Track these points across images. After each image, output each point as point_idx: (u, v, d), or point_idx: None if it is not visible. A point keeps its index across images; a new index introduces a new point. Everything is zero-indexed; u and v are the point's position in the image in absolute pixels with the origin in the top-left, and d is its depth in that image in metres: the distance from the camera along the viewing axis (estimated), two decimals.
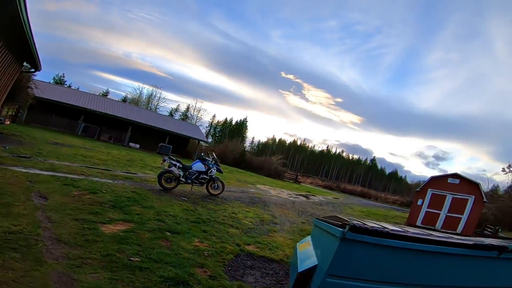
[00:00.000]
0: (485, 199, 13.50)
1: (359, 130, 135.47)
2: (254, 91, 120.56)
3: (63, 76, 48.24)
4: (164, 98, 56.94)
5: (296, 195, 17.71)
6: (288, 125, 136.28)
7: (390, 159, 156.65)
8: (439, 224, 13.73)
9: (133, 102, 49.76)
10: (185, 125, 33.12)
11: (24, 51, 6.68)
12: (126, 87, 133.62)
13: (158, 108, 53.65)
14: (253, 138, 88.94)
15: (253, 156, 40.83)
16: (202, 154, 9.66)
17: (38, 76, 17.30)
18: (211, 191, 9.33)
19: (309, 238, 3.43)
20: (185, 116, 64.19)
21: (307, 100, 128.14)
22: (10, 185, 4.59)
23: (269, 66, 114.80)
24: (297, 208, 11.45)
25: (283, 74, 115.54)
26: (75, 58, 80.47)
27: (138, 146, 24.60)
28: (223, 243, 4.91)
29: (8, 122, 16.09)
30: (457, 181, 14.11)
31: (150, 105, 53.07)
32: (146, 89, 61.07)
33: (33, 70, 9.48)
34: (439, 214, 13.91)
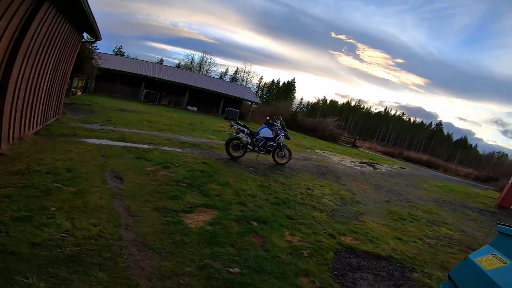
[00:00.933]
0: None
1: (423, 92, 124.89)
2: (301, 53, 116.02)
3: (121, 48, 50.32)
4: (214, 63, 56.81)
5: (361, 163, 16.12)
6: (340, 85, 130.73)
7: (459, 124, 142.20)
8: None
9: (186, 68, 50.44)
10: (237, 87, 32.26)
11: (81, 21, 6.12)
12: (177, 54, 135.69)
13: (209, 73, 53.88)
14: (301, 99, 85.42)
15: (305, 117, 38.88)
16: (268, 118, 8.68)
17: (100, 49, 17.68)
18: (277, 160, 8.49)
19: (492, 250, 2.21)
20: (234, 79, 63.55)
21: (361, 60, 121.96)
22: (84, 164, 4.23)
23: (316, 27, 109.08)
24: (370, 182, 10.12)
25: (333, 35, 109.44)
26: (126, 31, 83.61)
27: (195, 109, 24.81)
28: (315, 234, 4.06)
29: (80, 93, 17.00)
30: None
31: (201, 70, 53.41)
32: (197, 55, 61.45)
33: (93, 39, 9.05)
34: None
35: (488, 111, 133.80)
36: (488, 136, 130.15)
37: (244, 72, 61.65)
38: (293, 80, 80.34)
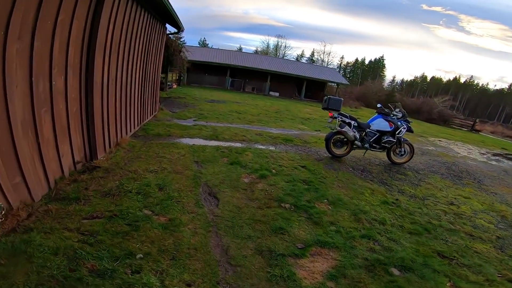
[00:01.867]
0: None
1: None
2: (386, 28, 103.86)
3: (205, 40, 53.30)
4: (289, 46, 54.83)
5: (493, 155, 12.31)
6: (442, 60, 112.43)
7: None
8: None
9: (263, 53, 49.93)
10: (320, 68, 29.69)
11: (159, 10, 5.57)
12: (253, 41, 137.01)
13: (286, 56, 52.11)
14: (393, 77, 75.32)
15: (404, 97, 33.31)
16: (379, 105, 6.92)
17: (187, 42, 18.45)
18: (394, 158, 6.75)
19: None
20: (312, 60, 59.92)
21: (468, 33, 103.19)
22: (177, 176, 3.67)
23: (403, 0, 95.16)
24: None
25: (424, 7, 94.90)
26: (206, 23, 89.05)
27: (277, 94, 23.99)
28: (491, 284, 2.55)
29: (175, 86, 18.19)
30: None
31: (278, 54, 52.05)
32: (272, 40, 60.48)
33: (177, 31, 8.79)
34: None
35: None
36: None
37: (324, 53, 57.11)
38: (382, 57, 72.55)
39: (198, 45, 44.45)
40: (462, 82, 73.64)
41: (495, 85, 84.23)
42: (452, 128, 24.97)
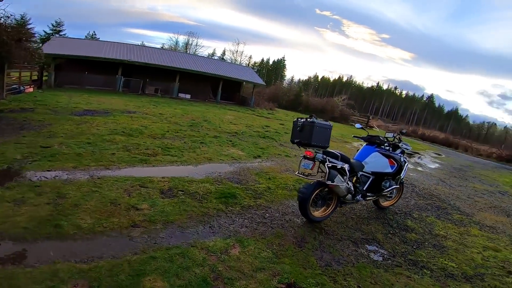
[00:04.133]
0: None
1: (410, 66, 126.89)
2: (288, 30, 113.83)
3: (95, 34, 42.38)
4: (200, 45, 50.68)
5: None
6: (328, 62, 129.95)
7: (446, 96, 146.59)
8: None
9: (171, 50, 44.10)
10: (237, 67, 26.85)
11: None
12: (159, 39, 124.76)
13: (196, 55, 47.63)
14: (292, 77, 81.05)
15: (311, 97, 34.31)
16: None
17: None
18: (382, 203, 4.54)
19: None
20: (223, 59, 57.69)
21: (347, 36, 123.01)
22: None
23: (301, 4, 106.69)
24: (485, 201, 6.08)
25: (317, 11, 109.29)
26: (102, 19, 74.71)
27: (188, 96, 19.88)
28: None
29: (31, 89, 11.88)
30: None
31: (188, 52, 47.08)
32: (182, 38, 54.67)
33: None
34: None
35: (474, 83, 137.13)
36: (475, 106, 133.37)
37: (237, 52, 55.20)
38: (283, 58, 76.26)
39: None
40: (344, 80, 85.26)
41: (365, 83, 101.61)
42: (351, 126, 26.60)
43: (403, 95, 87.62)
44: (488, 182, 9.84)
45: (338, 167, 3.38)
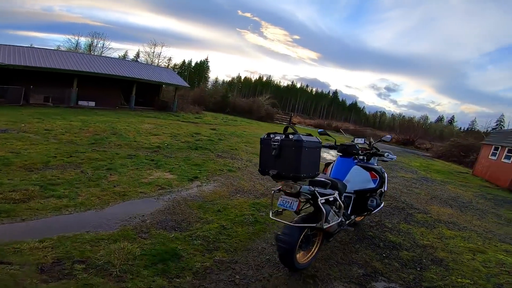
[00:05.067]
0: None
1: (316, 65, 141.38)
2: (210, 31, 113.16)
3: None
4: (107, 47, 43.92)
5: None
6: (248, 62, 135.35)
7: (346, 91, 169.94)
8: None
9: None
10: (154, 68, 23.31)
11: None
12: (54, 41, 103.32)
13: (102, 56, 40.78)
14: (216, 78, 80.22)
15: (237, 98, 33.60)
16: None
17: None
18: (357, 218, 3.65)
19: None
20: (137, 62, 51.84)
21: (265, 37, 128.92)
22: None
23: (224, 5, 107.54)
24: (427, 195, 6.25)
25: (239, 13, 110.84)
26: None
27: (93, 104, 16.22)
28: None
29: None
30: None
31: (92, 54, 39.96)
32: (84, 39, 46.28)
33: None
34: None
35: (366, 78, 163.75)
36: (368, 98, 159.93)
37: (153, 53, 49.93)
38: (206, 59, 74.80)
39: None
40: (264, 80, 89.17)
41: (282, 82, 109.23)
42: (276, 124, 27.15)
43: (314, 92, 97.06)
44: (408, 169, 10.68)
45: (330, 199, 2.30)
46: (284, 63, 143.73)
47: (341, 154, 3.22)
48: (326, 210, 2.23)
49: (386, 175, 3.36)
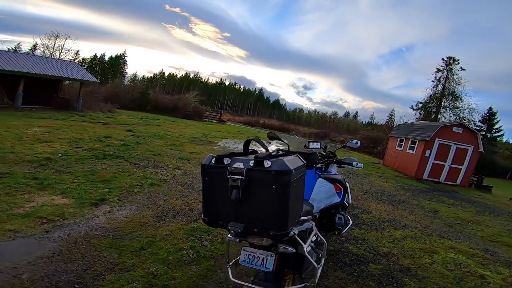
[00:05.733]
0: (481, 149, 12.26)
1: (244, 63, 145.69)
2: (131, 25, 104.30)
3: None
4: None
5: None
6: (174, 58, 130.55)
7: (270, 88, 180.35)
8: (443, 176, 12.00)
9: None
10: (52, 62, 18.27)
11: None
12: None
13: None
14: (135, 74, 73.19)
15: (160, 95, 30.53)
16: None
17: None
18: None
19: None
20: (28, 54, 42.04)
21: (194, 33, 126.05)
22: None
23: None
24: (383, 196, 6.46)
25: (167, 7, 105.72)
26: None
27: None
28: None
29: None
30: (460, 130, 12.25)
31: None
32: None
33: None
34: (443, 165, 12.07)
35: (286, 77, 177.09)
36: (289, 96, 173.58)
37: (54, 46, 40.80)
38: (123, 53, 67.76)
39: None
40: (191, 77, 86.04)
41: (211, 79, 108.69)
42: (206, 122, 25.99)
43: (241, 90, 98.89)
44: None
45: (313, 239, 1.57)
46: (213, 60, 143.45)
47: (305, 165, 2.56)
48: (315, 262, 1.52)
49: (348, 184, 2.88)
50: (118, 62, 65.86)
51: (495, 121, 31.28)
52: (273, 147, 3.69)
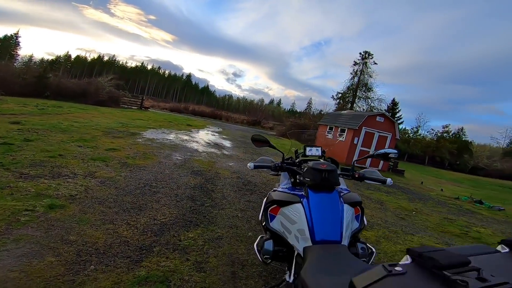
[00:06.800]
0: (397, 136, 13.98)
1: (171, 47, 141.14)
2: (29, 4, 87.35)
3: None
4: None
5: (208, 142, 11.46)
6: (84, 40, 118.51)
7: (198, 74, 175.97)
8: (368, 162, 13.25)
9: None
10: None
11: None
12: None
13: None
14: (31, 56, 61.18)
15: (64, 79, 24.87)
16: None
17: None
18: None
19: None
20: None
21: (112, 14, 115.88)
22: None
23: None
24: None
25: None
26: None
27: None
28: None
29: None
30: (382, 119, 13.65)
31: None
32: None
33: None
34: (368, 152, 13.33)
35: (217, 63, 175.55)
36: (218, 83, 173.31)
37: None
38: (15, 34, 58.08)
39: None
40: (106, 60, 75.70)
41: (130, 63, 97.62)
42: (124, 109, 22.77)
43: (166, 75, 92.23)
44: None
45: None
46: (134, 43, 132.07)
47: (312, 186, 1.72)
48: None
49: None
50: (8, 43, 54.92)
51: (397, 110, 37.23)
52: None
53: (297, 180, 1.90)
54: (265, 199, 1.91)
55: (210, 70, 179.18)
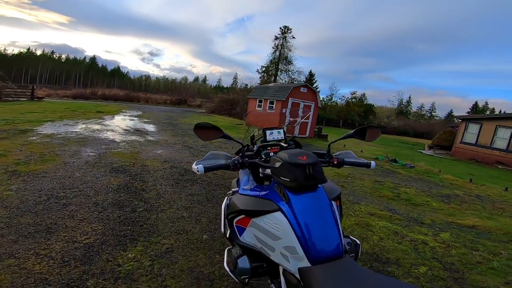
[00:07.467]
0: (319, 105, 14.84)
1: (66, 29, 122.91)
2: None
3: None
4: None
5: (127, 129, 10.17)
6: None
7: (106, 56, 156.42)
8: (296, 130, 13.82)
9: None
10: None
11: None
12: None
13: None
14: None
15: None
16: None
17: None
18: None
19: None
20: None
21: None
22: None
23: None
24: None
25: None
26: None
27: None
28: None
29: None
30: (305, 90, 14.18)
31: None
32: None
33: None
34: (296, 121, 13.85)
35: (128, 43, 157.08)
36: (132, 63, 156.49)
37: None
38: None
39: None
40: None
41: (10, 50, 78.88)
42: (8, 102, 18.15)
43: (63, 59, 78.02)
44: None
45: None
46: (15, 28, 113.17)
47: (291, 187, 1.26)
48: None
49: None
50: None
51: (314, 81, 40.23)
52: None
53: (260, 175, 1.44)
54: (223, 204, 1.45)
55: (120, 51, 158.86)
